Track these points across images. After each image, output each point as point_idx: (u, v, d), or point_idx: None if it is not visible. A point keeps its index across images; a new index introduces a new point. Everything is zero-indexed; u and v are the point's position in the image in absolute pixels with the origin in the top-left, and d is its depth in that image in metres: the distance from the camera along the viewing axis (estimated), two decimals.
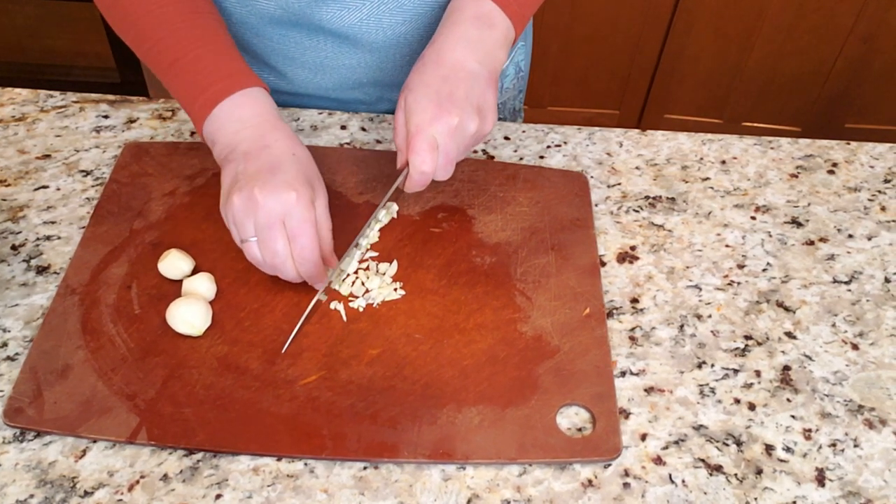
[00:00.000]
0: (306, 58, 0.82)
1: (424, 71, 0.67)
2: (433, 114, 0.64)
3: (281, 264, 0.63)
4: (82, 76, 1.96)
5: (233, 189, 0.64)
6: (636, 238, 0.75)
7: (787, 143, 0.86)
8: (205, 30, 0.69)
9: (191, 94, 0.68)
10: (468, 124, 0.65)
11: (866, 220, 0.78)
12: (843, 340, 0.68)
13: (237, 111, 0.67)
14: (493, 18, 0.69)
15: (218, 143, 0.67)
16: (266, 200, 0.62)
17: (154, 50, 0.69)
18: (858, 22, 1.83)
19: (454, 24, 0.68)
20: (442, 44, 0.68)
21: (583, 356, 0.64)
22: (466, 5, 0.69)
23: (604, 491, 0.57)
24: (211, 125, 0.67)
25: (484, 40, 0.68)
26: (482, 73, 0.67)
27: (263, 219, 0.62)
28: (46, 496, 0.55)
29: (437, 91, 0.65)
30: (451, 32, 0.68)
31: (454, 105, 0.65)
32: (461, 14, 0.69)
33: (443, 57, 0.67)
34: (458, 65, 0.66)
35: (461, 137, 0.66)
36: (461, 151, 0.67)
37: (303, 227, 0.63)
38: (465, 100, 0.65)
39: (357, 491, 0.56)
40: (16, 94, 0.85)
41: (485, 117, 0.67)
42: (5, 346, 0.63)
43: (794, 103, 2.02)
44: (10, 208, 0.74)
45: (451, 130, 0.65)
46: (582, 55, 1.97)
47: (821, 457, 0.60)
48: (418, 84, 0.66)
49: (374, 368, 0.62)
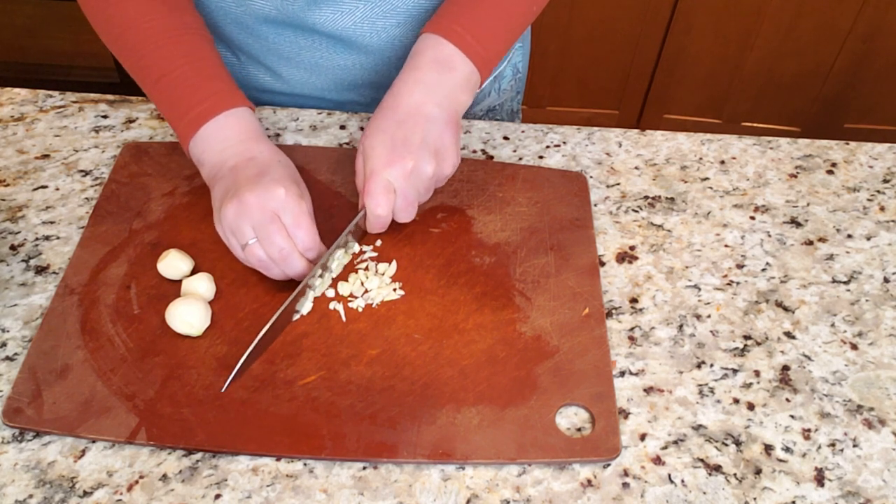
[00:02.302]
0: (301, 58, 0.82)
1: (382, 116, 0.68)
2: (387, 158, 0.66)
3: (287, 256, 0.63)
4: (81, 76, 1.96)
5: (224, 201, 0.64)
6: (635, 238, 0.75)
7: (786, 143, 0.86)
8: (191, 47, 0.70)
9: (176, 113, 0.69)
10: (424, 167, 0.66)
11: (865, 220, 0.78)
12: (842, 340, 0.68)
13: (221, 132, 0.68)
14: (453, 62, 0.69)
15: (205, 164, 0.69)
16: (258, 200, 0.63)
17: (139, 64, 0.70)
18: (858, 22, 1.83)
19: (413, 68, 0.69)
20: (400, 88, 0.69)
21: (582, 356, 0.64)
22: (426, 48, 0.70)
23: (603, 491, 0.57)
24: (196, 146, 0.68)
25: (442, 83, 0.69)
26: (441, 116, 0.68)
27: (259, 217, 0.63)
28: (45, 496, 0.55)
29: (392, 136, 0.66)
30: (408, 76, 0.69)
31: (408, 150, 0.66)
32: (420, 58, 0.70)
33: (399, 101, 0.68)
34: (415, 109, 0.67)
35: (418, 180, 0.67)
36: (421, 193, 0.68)
37: (299, 218, 0.64)
38: (421, 143, 0.66)
39: (356, 491, 0.56)
40: (15, 94, 0.85)
41: (443, 160, 0.68)
42: (4, 346, 0.63)
43: (794, 103, 2.02)
44: (8, 208, 0.74)
45: (406, 174, 0.66)
46: (581, 55, 1.97)
47: (820, 457, 0.60)
48: (375, 130, 0.67)
49: (374, 368, 0.62)
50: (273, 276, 0.65)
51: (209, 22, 0.82)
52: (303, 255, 0.64)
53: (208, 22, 0.82)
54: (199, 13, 0.80)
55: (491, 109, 0.94)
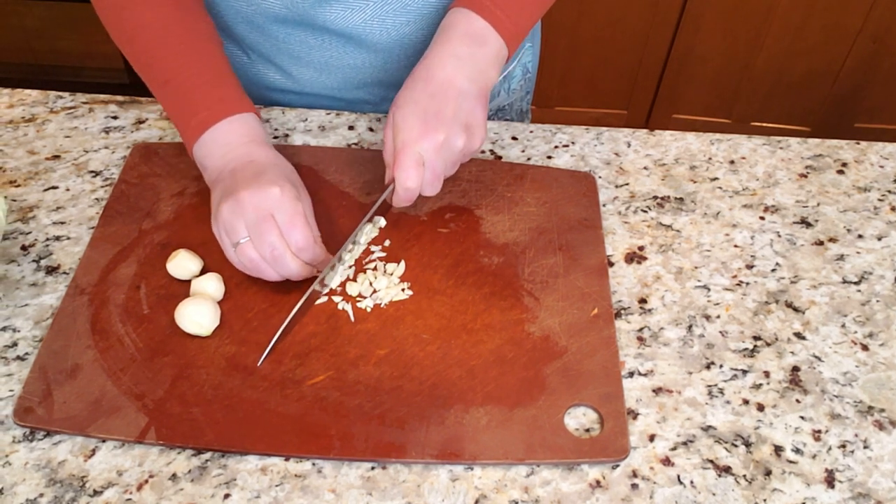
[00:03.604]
0: (311, 57, 0.83)
1: (413, 87, 0.67)
2: (420, 131, 0.65)
3: (280, 256, 0.63)
4: (91, 77, 1.97)
5: (220, 201, 0.65)
6: (644, 238, 0.75)
7: (796, 142, 0.86)
8: (200, 52, 0.70)
9: (182, 117, 0.69)
10: (455, 141, 0.66)
11: (876, 221, 0.78)
12: (852, 341, 0.67)
13: (225, 137, 0.68)
14: (485, 36, 0.69)
15: (207, 169, 0.69)
16: (253, 198, 0.63)
17: (148, 66, 0.70)
18: (868, 21, 1.82)
19: (445, 41, 0.69)
20: (432, 60, 0.68)
21: (591, 357, 0.64)
22: (458, 22, 0.69)
23: (612, 492, 0.57)
24: (200, 150, 0.69)
25: (475, 58, 0.68)
26: (472, 90, 0.67)
27: (253, 215, 0.63)
28: (56, 495, 0.55)
29: (425, 108, 0.66)
30: (441, 49, 0.68)
31: (441, 122, 0.65)
32: (453, 31, 0.69)
33: (432, 74, 0.67)
34: (448, 82, 0.67)
35: (448, 154, 0.66)
36: (449, 168, 0.68)
37: (294, 218, 0.64)
38: (453, 117, 0.66)
39: (365, 491, 0.56)
40: (25, 95, 0.86)
41: (473, 134, 0.68)
42: (15, 345, 0.63)
43: (804, 103, 2.01)
44: (19, 209, 0.74)
45: (437, 147, 0.65)
46: (590, 55, 1.96)
47: (830, 458, 0.59)
48: (407, 101, 0.67)
49: (382, 369, 0.62)
50: (267, 277, 0.65)
51: (220, 21, 0.82)
52: (296, 256, 0.64)
53: (220, 21, 0.82)
54: (211, 12, 0.81)
55: (500, 109, 0.94)
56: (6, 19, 1.92)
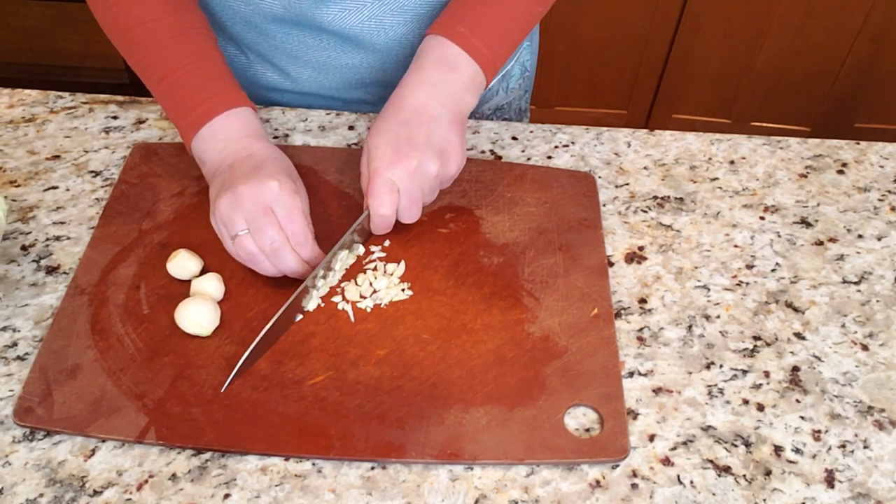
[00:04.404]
0: (309, 56, 0.83)
1: (386, 116, 0.68)
2: (391, 158, 0.66)
3: (279, 249, 0.63)
4: (91, 77, 1.97)
5: (218, 194, 0.65)
6: (644, 238, 0.75)
7: (796, 143, 0.86)
8: (194, 47, 0.71)
9: (179, 112, 0.70)
10: (428, 166, 0.66)
11: (876, 221, 0.78)
12: (852, 341, 0.67)
13: (222, 131, 0.69)
14: (457, 63, 0.69)
15: (206, 163, 0.69)
16: (251, 192, 0.63)
17: (144, 63, 0.71)
18: (868, 21, 1.82)
19: (418, 69, 0.70)
20: (404, 89, 0.69)
21: (591, 357, 0.64)
22: (431, 49, 0.70)
23: (612, 492, 0.57)
24: (198, 145, 0.69)
25: (447, 84, 0.69)
26: (445, 115, 0.68)
27: (252, 208, 0.63)
28: (56, 495, 0.55)
29: (397, 135, 0.66)
30: (414, 77, 0.69)
31: (413, 148, 0.66)
32: (425, 58, 0.70)
33: (404, 102, 0.68)
34: (420, 108, 0.67)
35: (422, 180, 0.67)
36: (426, 193, 0.68)
37: (293, 212, 0.64)
38: (426, 143, 0.66)
39: (365, 491, 0.56)
40: (25, 96, 0.86)
41: (448, 159, 0.68)
42: (15, 345, 0.63)
43: (803, 103, 2.01)
44: (20, 209, 0.74)
45: (410, 173, 0.66)
46: (589, 55, 1.96)
47: (830, 458, 0.59)
48: (379, 130, 0.68)
49: (382, 369, 0.62)
50: (263, 270, 0.65)
51: (218, 21, 0.82)
52: (294, 251, 0.64)
53: (217, 21, 0.82)
54: (209, 12, 0.81)
55: (499, 108, 0.94)
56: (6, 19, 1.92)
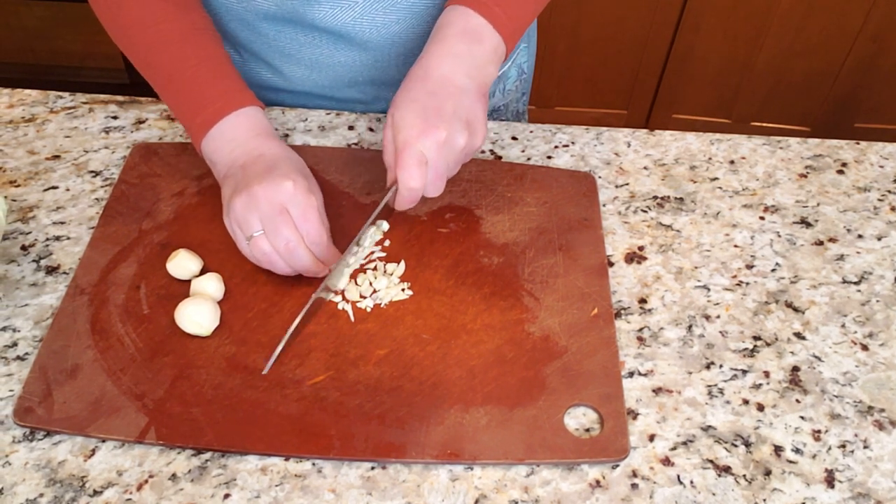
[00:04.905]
0: (302, 55, 0.83)
1: (411, 87, 0.66)
2: (420, 129, 0.64)
3: (294, 249, 0.63)
4: (91, 77, 1.97)
5: (233, 195, 0.65)
6: (644, 238, 0.75)
7: (796, 142, 0.86)
8: (200, 47, 0.70)
9: (187, 113, 0.69)
10: (457, 139, 0.65)
11: (876, 221, 0.78)
12: (852, 341, 0.67)
13: (232, 131, 0.68)
14: (481, 33, 0.68)
15: (217, 164, 0.69)
16: (266, 192, 0.63)
17: (149, 64, 0.70)
18: (868, 21, 1.82)
19: (442, 39, 0.68)
20: (429, 59, 0.67)
21: (591, 357, 0.64)
22: (455, 20, 0.69)
23: (612, 492, 0.57)
24: (208, 145, 0.69)
25: (472, 55, 0.67)
26: (471, 87, 0.66)
27: (267, 208, 0.63)
28: (56, 495, 0.55)
29: (424, 106, 0.65)
30: (438, 47, 0.68)
31: (441, 119, 0.64)
32: (449, 29, 0.68)
33: (430, 72, 0.67)
34: (446, 79, 0.66)
35: (450, 152, 0.65)
36: (451, 167, 0.67)
37: (307, 212, 0.64)
38: (454, 114, 0.65)
39: (365, 491, 0.56)
40: (25, 95, 0.86)
41: (474, 131, 0.67)
42: (15, 345, 0.63)
43: (803, 103, 2.01)
44: (20, 209, 0.74)
45: (439, 145, 0.64)
46: (589, 55, 1.96)
47: (830, 458, 0.59)
48: (405, 100, 0.66)
49: (382, 369, 0.62)
50: (279, 270, 0.65)
51: (212, 19, 0.82)
52: (309, 250, 0.64)
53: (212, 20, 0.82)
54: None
55: (496, 110, 0.94)
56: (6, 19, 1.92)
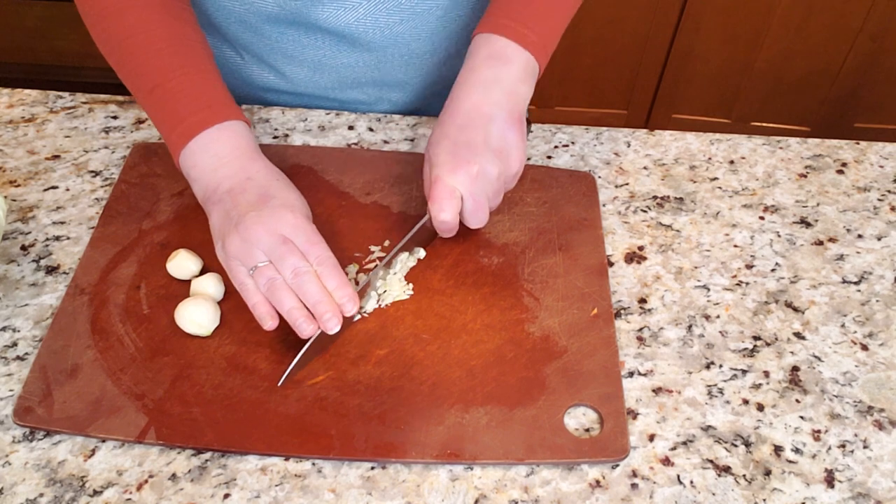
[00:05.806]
0: (305, 56, 0.83)
1: (443, 121, 0.67)
2: (452, 165, 0.65)
3: (303, 274, 0.60)
4: (91, 77, 1.97)
5: (226, 228, 0.62)
6: (644, 238, 0.75)
7: (795, 142, 0.86)
8: (188, 58, 0.68)
9: (168, 123, 0.67)
10: (489, 169, 0.65)
11: (876, 220, 0.78)
12: (852, 341, 0.67)
13: (213, 146, 0.66)
14: (508, 54, 0.68)
15: (197, 182, 0.66)
16: (268, 223, 0.61)
17: (135, 73, 0.68)
18: (868, 21, 1.82)
19: (470, 69, 0.68)
20: (458, 91, 0.68)
21: (590, 356, 0.64)
22: (479, 47, 0.69)
23: (611, 492, 0.57)
24: (187, 159, 0.66)
25: (500, 79, 0.67)
26: (500, 115, 0.66)
27: (270, 240, 0.61)
28: (56, 495, 0.55)
29: (455, 141, 0.65)
30: (466, 78, 0.68)
31: (472, 153, 0.65)
32: (475, 58, 0.69)
33: (459, 105, 0.67)
34: (474, 110, 0.66)
35: (486, 183, 0.66)
36: (491, 197, 0.67)
37: (312, 238, 0.62)
38: (484, 146, 0.65)
39: (365, 491, 0.56)
40: (25, 95, 0.86)
41: (508, 157, 0.67)
42: (15, 345, 0.63)
43: (803, 103, 2.01)
44: (19, 209, 0.74)
45: (472, 178, 0.65)
46: (589, 55, 1.96)
47: (830, 458, 0.59)
48: (438, 137, 0.67)
49: (382, 369, 0.62)
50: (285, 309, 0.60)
51: (213, 22, 0.82)
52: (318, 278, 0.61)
53: (212, 22, 0.82)
54: (203, 13, 0.81)
55: None
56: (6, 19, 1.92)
